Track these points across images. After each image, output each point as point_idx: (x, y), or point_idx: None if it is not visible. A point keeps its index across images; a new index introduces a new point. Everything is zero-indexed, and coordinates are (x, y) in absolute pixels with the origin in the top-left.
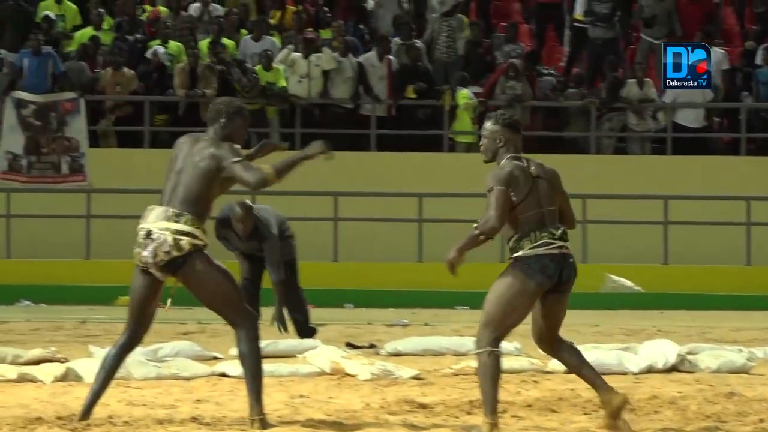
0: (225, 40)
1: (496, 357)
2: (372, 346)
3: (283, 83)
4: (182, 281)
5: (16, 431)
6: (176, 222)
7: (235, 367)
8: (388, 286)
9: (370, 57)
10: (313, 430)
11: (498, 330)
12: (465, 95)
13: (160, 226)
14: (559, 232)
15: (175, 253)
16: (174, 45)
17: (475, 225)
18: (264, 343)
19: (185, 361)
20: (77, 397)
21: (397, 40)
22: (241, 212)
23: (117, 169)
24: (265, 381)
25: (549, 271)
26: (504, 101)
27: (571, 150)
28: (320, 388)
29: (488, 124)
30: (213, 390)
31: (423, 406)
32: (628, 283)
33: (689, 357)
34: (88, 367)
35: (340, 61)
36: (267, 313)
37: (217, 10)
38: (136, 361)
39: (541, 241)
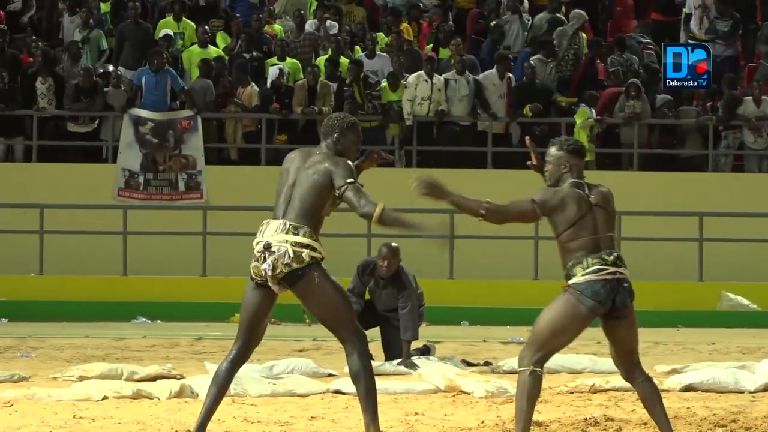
0: (289, 60)
1: (537, 377)
2: (487, 363)
3: (405, 102)
4: (298, 294)
5: None
6: (295, 234)
7: (349, 384)
8: (503, 304)
9: (490, 75)
10: None
11: (542, 350)
12: (584, 113)
13: (279, 238)
14: (612, 257)
15: (295, 265)
16: (291, 62)
17: (488, 202)
18: (378, 363)
19: (300, 378)
20: (192, 413)
21: (539, 56)
22: (387, 251)
23: (234, 187)
24: (380, 398)
25: (600, 297)
26: (622, 119)
27: (688, 168)
28: (435, 405)
29: (553, 150)
30: (328, 407)
31: (538, 423)
32: (745, 301)
33: None
34: (204, 383)
35: (457, 80)
36: None
37: (333, 27)
38: (251, 378)
39: (593, 268)
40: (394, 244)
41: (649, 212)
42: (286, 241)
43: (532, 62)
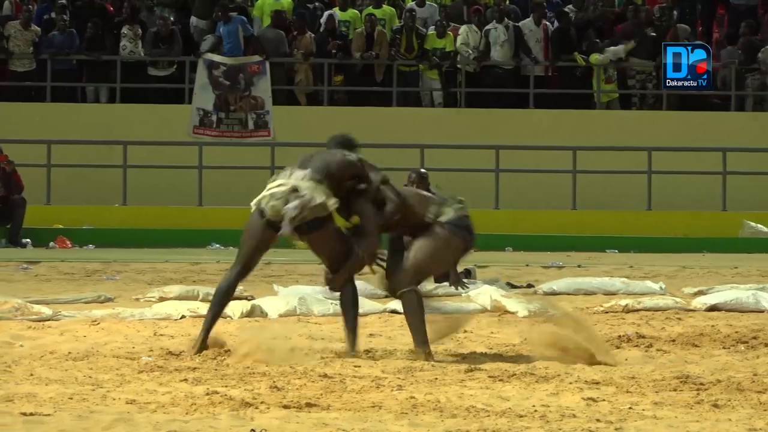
0: (386, 7)
1: (420, 294)
2: (530, 285)
3: (451, 48)
4: (310, 240)
5: (207, 361)
6: (320, 185)
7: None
8: (544, 231)
9: (527, 23)
10: (475, 363)
11: (420, 276)
12: (595, 57)
13: (306, 185)
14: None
15: (320, 213)
16: (351, 12)
17: (360, 249)
18: (431, 286)
19: (359, 299)
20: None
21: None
22: (415, 176)
23: (299, 125)
24: (432, 317)
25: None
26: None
27: (712, 108)
28: (482, 324)
29: None
30: (384, 326)
31: None
32: (765, 229)
33: None
34: (272, 304)
35: (497, 27)
36: None
37: None
38: (315, 299)
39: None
40: (422, 170)
41: (678, 148)
42: (314, 189)
43: (565, 10)
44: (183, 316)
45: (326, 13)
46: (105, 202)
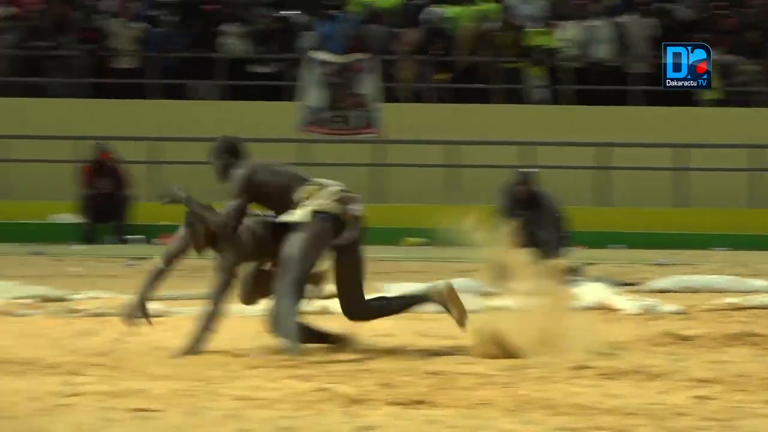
0: (491, 4)
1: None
2: (636, 283)
3: (554, 45)
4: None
5: (315, 357)
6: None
7: (510, 302)
8: (649, 229)
9: (631, 19)
10: (583, 361)
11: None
12: None
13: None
14: None
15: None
16: (456, 9)
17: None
18: None
19: (466, 297)
20: (373, 328)
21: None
22: (521, 177)
23: (404, 122)
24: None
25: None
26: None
27: None
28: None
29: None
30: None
31: (685, 338)
32: None
33: None
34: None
35: (601, 23)
36: None
37: None
38: None
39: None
40: (527, 170)
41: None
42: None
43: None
44: None
45: (431, 10)
46: (210, 200)
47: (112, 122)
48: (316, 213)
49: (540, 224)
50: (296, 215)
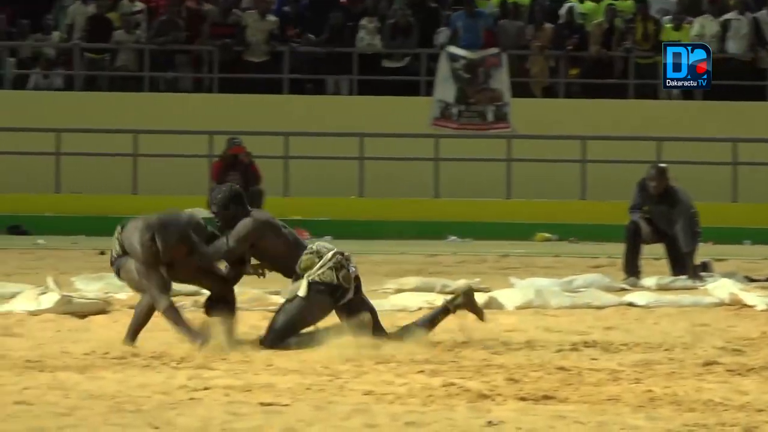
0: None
1: None
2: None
3: (687, 40)
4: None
5: (443, 353)
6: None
7: (642, 298)
8: None
9: (766, 14)
10: (713, 357)
11: None
12: None
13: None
14: None
15: None
16: (590, 4)
17: None
18: (669, 279)
19: (596, 292)
20: (500, 323)
21: None
22: (654, 172)
23: (536, 118)
24: (669, 310)
25: None
26: None
27: None
28: (720, 317)
29: None
30: (622, 318)
31: None
32: None
33: None
34: (509, 296)
35: (739, 18)
36: None
37: None
38: (552, 292)
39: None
40: (662, 165)
41: None
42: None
43: None
44: (420, 308)
45: (566, 5)
46: (341, 194)
47: (245, 117)
48: (312, 284)
49: (674, 219)
50: (294, 289)
